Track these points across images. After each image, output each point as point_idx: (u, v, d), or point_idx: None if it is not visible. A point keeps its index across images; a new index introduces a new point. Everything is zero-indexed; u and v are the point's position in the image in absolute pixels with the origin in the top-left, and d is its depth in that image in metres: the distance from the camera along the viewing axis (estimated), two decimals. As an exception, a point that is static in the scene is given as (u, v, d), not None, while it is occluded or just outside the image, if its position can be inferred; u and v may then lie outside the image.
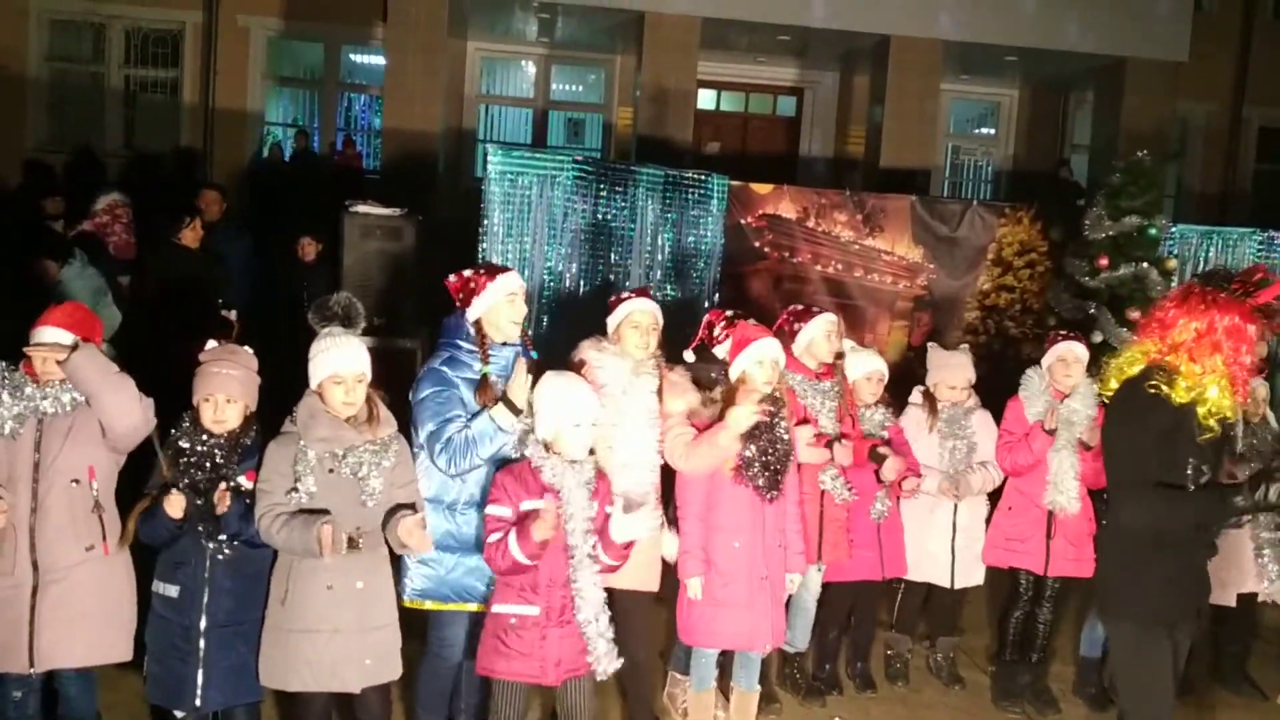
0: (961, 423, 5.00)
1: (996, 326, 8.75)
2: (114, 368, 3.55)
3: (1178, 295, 3.31)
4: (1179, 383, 3.16)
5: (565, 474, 3.53)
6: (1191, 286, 3.29)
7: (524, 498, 3.51)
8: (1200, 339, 3.16)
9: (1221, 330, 3.15)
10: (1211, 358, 3.15)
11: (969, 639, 5.58)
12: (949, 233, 8.74)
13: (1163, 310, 3.30)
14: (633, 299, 4.24)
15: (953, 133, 15.95)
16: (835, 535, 4.68)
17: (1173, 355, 3.20)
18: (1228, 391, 3.17)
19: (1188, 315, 3.20)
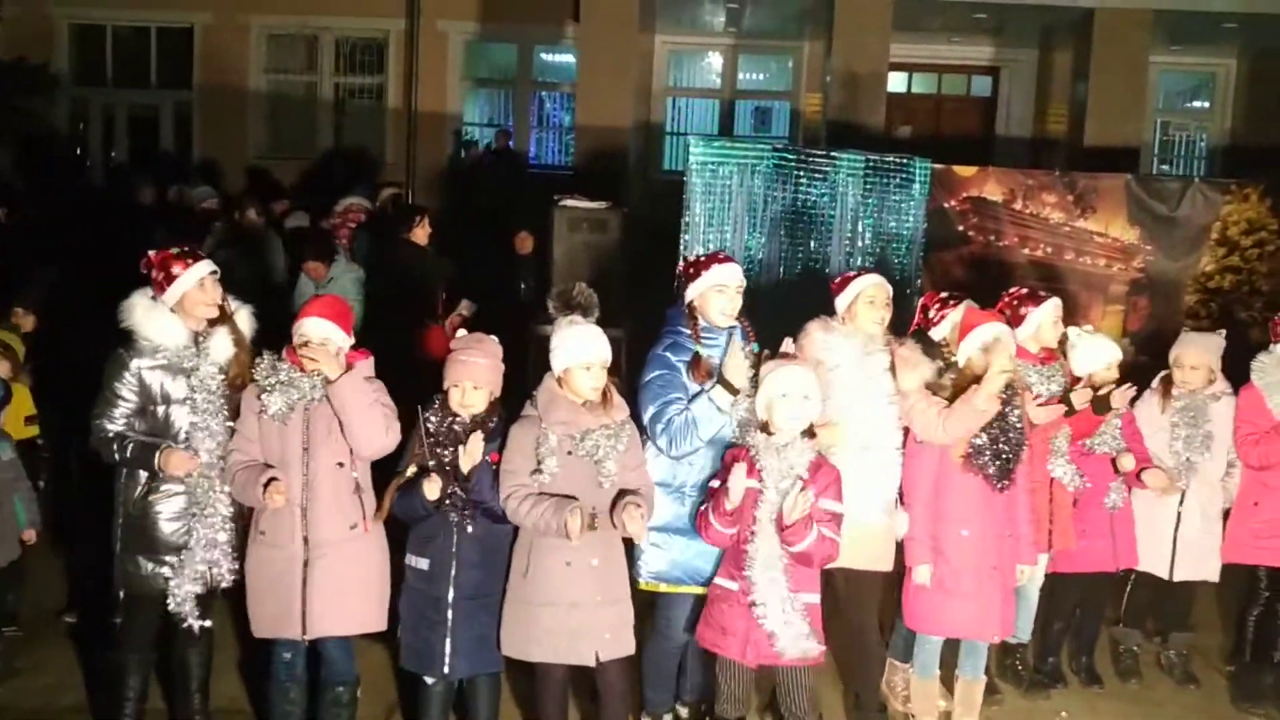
0: (1201, 411, 4.76)
1: (1221, 309, 8.26)
2: (370, 398, 3.76)
3: None
4: None
5: (769, 454, 3.59)
6: None
7: (747, 478, 3.63)
8: None
9: None
10: None
11: (1201, 637, 5.31)
12: (1168, 212, 8.29)
13: None
14: (864, 275, 4.27)
15: (1162, 108, 15.13)
16: (1063, 524, 4.55)
17: None
18: None
19: None
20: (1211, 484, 4.82)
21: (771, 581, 3.62)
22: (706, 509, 3.71)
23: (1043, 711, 4.73)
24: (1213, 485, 4.82)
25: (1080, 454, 4.58)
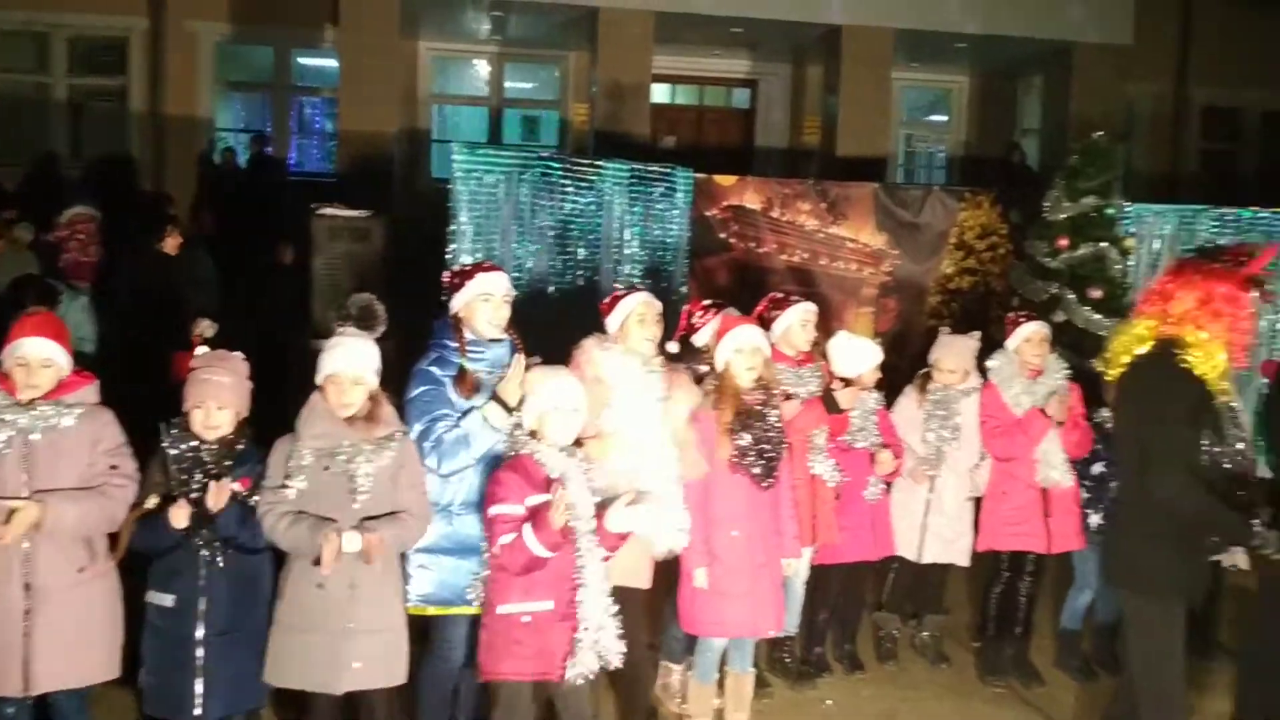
0: (952, 405, 5.06)
1: (961, 310, 8.86)
2: (79, 510, 3.44)
3: (1173, 270, 3.45)
4: (1195, 353, 3.27)
5: (566, 463, 3.55)
6: (1184, 261, 3.45)
7: (530, 492, 3.51)
8: (1202, 307, 3.28)
9: (1219, 298, 3.27)
10: (1215, 324, 3.27)
11: (955, 617, 5.66)
12: (911, 219, 8.84)
13: (1159, 285, 3.42)
14: (633, 293, 4.28)
15: (906, 120, 16.11)
16: (825, 518, 4.73)
17: (1178, 327, 3.30)
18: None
19: (1185, 287, 3.32)
20: (960, 473, 5.11)
21: (600, 594, 3.56)
22: (518, 538, 3.43)
23: (810, 701, 4.90)
24: (961, 474, 5.12)
25: (840, 450, 4.78)
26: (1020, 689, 5.05)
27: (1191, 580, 3.45)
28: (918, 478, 5.01)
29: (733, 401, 4.18)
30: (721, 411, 4.18)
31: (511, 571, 3.49)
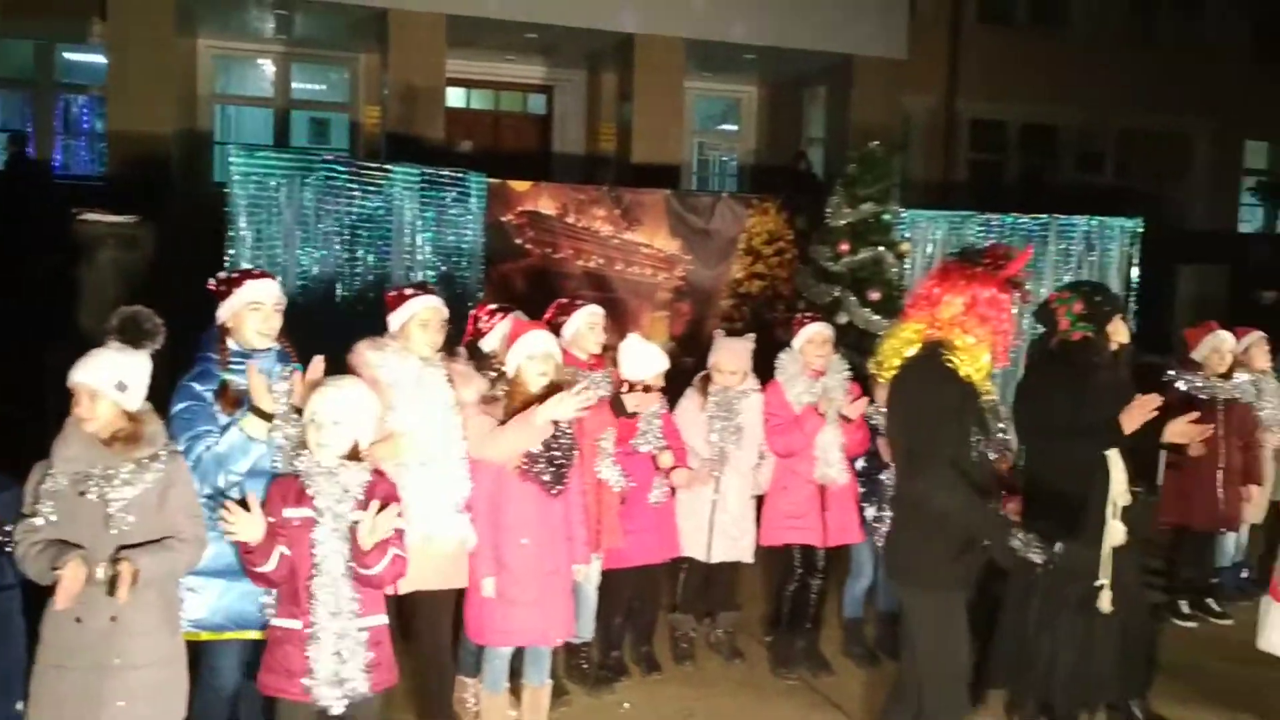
0: (733, 406, 5.15)
1: (751, 313, 9.11)
2: None
3: (938, 274, 3.51)
4: (961, 356, 3.37)
5: (321, 480, 3.40)
6: (949, 265, 3.51)
7: (283, 507, 3.40)
8: (968, 312, 3.37)
9: (984, 303, 3.37)
10: (980, 328, 3.37)
11: (748, 612, 5.79)
12: (702, 225, 9.03)
13: (926, 289, 3.50)
14: (418, 295, 4.18)
15: (698, 129, 16.47)
16: (611, 523, 4.75)
17: (946, 331, 3.40)
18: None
19: (951, 291, 3.40)
20: (743, 472, 5.23)
21: (334, 615, 3.42)
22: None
23: (608, 706, 4.90)
24: (744, 473, 5.24)
25: (626, 454, 4.81)
26: (810, 679, 5.21)
27: (966, 573, 3.55)
28: (703, 479, 5.09)
29: (523, 407, 4.14)
30: None
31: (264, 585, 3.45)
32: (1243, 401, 5.97)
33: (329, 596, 3.39)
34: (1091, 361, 4.30)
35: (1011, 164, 17.27)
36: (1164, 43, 17.11)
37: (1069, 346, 4.31)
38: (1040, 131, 17.16)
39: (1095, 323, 4.31)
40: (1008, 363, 3.59)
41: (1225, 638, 5.91)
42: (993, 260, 3.43)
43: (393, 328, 4.14)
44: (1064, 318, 4.31)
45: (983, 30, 16.19)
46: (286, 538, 3.40)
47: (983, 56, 15.97)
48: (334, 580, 3.40)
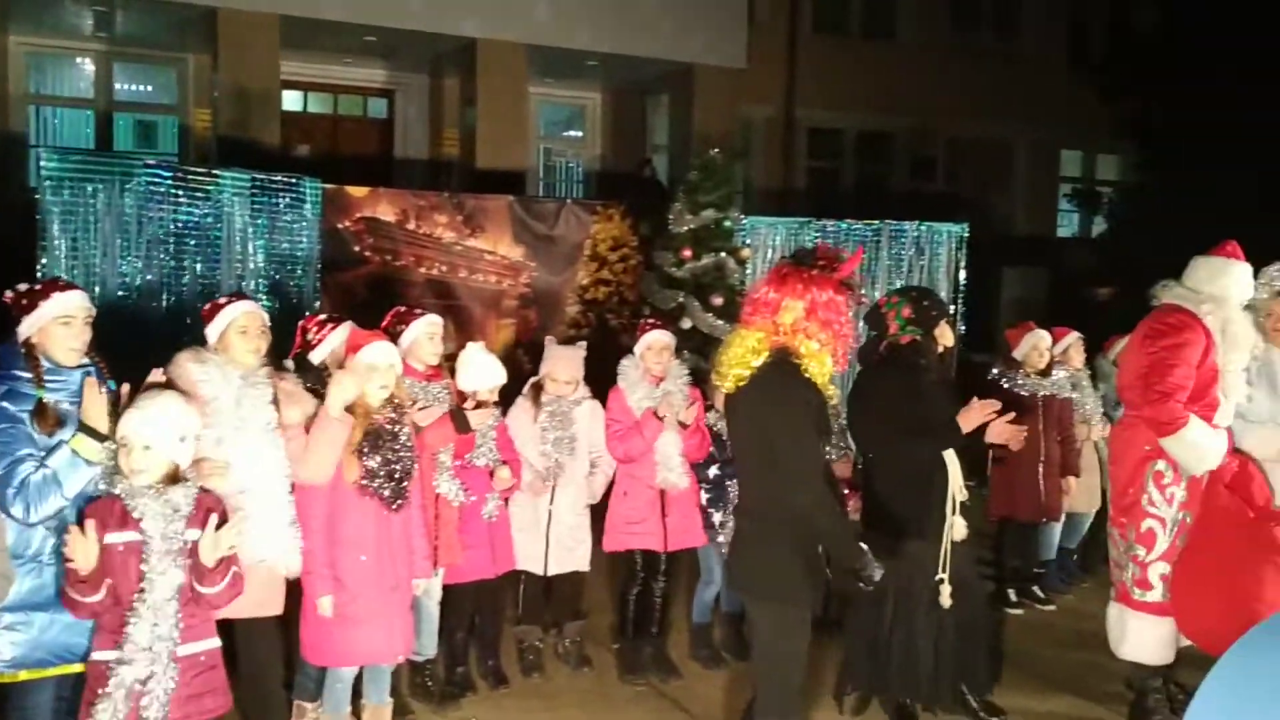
0: (566, 415, 5.11)
1: (597, 319, 9.13)
2: None
3: (774, 279, 3.43)
4: (809, 363, 3.34)
5: (146, 501, 3.22)
6: (784, 269, 3.44)
7: (104, 532, 3.18)
8: (810, 317, 3.33)
9: (824, 307, 3.34)
10: (823, 332, 3.34)
11: (595, 620, 5.78)
12: (547, 231, 9.01)
13: (763, 294, 3.42)
14: (234, 302, 3.99)
15: (543, 135, 16.43)
16: (449, 538, 4.66)
17: (789, 337, 3.36)
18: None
19: (790, 296, 3.36)
20: (578, 482, 5.20)
21: (160, 640, 3.23)
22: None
23: (454, 721, 4.81)
24: (579, 483, 5.20)
25: (462, 468, 4.73)
26: (658, 684, 5.21)
27: (813, 589, 3.55)
28: (537, 491, 5.05)
29: (362, 421, 4.01)
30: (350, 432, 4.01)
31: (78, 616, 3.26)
32: (1060, 397, 6.30)
33: (153, 623, 3.21)
34: (919, 364, 4.44)
35: (848, 171, 17.83)
36: (986, 54, 17.96)
37: (898, 350, 4.44)
38: (875, 139, 17.76)
39: (923, 326, 4.45)
40: (845, 367, 3.58)
41: (1051, 624, 6.21)
42: (826, 262, 3.41)
43: (212, 339, 3.95)
44: (893, 321, 4.44)
45: (818, 40, 16.67)
46: (109, 564, 3.20)
47: (819, 66, 16.45)
48: (160, 605, 3.22)
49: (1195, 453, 4.48)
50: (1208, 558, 4.46)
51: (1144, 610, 4.66)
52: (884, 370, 4.50)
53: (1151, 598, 4.63)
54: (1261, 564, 4.33)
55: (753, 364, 3.40)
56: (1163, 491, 4.60)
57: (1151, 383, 4.46)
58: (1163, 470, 4.58)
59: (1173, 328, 4.50)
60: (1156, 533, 4.61)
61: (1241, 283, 4.60)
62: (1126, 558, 4.70)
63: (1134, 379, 4.57)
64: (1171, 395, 4.42)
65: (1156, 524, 4.61)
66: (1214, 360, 4.49)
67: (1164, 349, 4.47)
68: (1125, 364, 4.75)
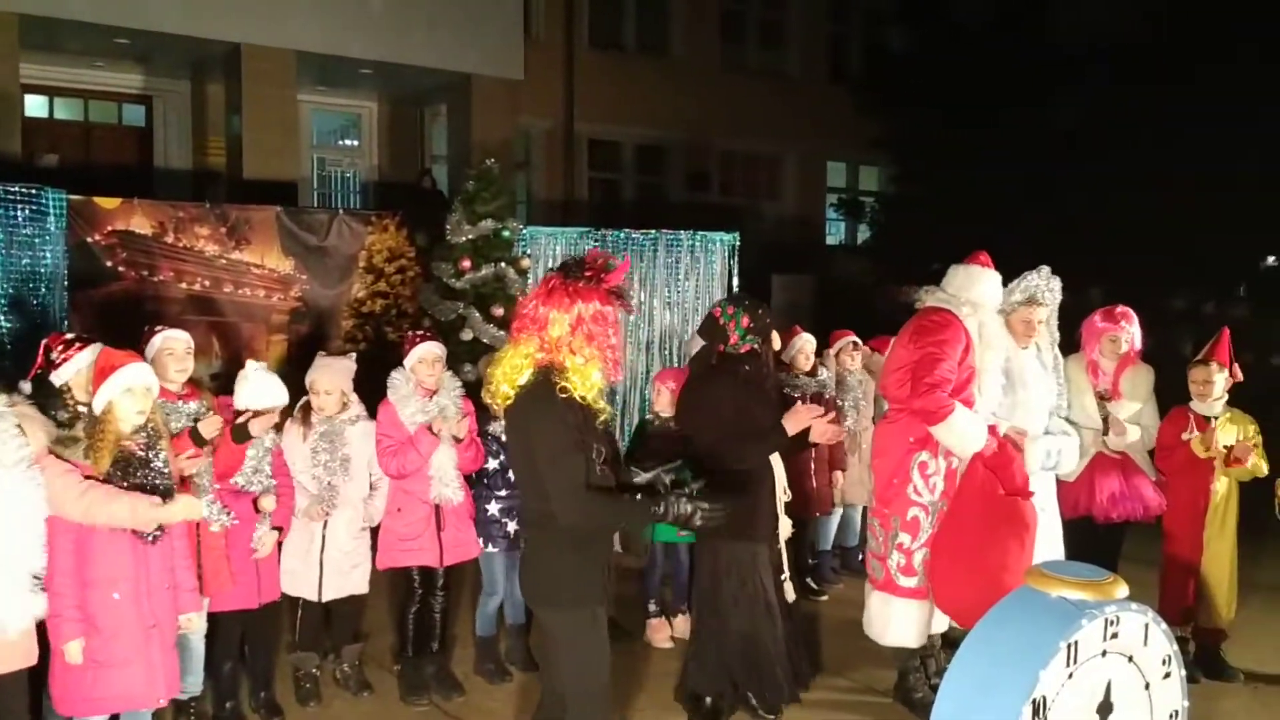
0: (339, 435, 4.94)
1: (375, 332, 8.90)
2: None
3: (542, 292, 3.38)
4: (573, 378, 3.30)
5: None
6: (551, 280, 3.39)
7: None
8: (575, 331, 3.29)
9: (590, 319, 3.31)
10: (589, 346, 3.31)
11: (376, 642, 5.61)
12: (318, 242, 8.71)
13: (531, 309, 3.38)
14: None
15: (317, 144, 15.94)
16: (215, 565, 4.43)
17: (555, 352, 3.31)
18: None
19: (557, 309, 3.31)
20: (354, 504, 5.04)
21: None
22: None
23: (224, 760, 4.56)
24: (355, 505, 5.04)
25: (230, 492, 4.50)
26: (441, 703, 5.11)
27: (602, 587, 3.54)
28: (313, 516, 4.88)
29: (111, 448, 3.74)
30: (98, 459, 3.73)
31: None
32: (827, 395, 6.59)
33: None
34: (761, 371, 4.55)
35: (629, 182, 18.15)
36: (753, 71, 18.73)
37: (736, 358, 4.48)
38: (653, 152, 18.17)
39: (761, 335, 4.54)
40: (619, 378, 3.58)
41: (824, 614, 6.48)
42: (594, 272, 3.38)
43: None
44: (734, 332, 4.47)
45: (595, 55, 16.92)
46: None
47: (596, 79, 16.68)
48: None
49: (962, 438, 4.78)
50: (961, 536, 4.77)
51: (908, 595, 4.92)
52: (718, 378, 4.57)
53: (914, 583, 4.90)
54: (1008, 538, 4.67)
55: (518, 381, 3.38)
56: (926, 481, 4.88)
57: (921, 375, 4.74)
58: (926, 460, 4.87)
59: (938, 325, 4.82)
60: (920, 520, 4.89)
61: (992, 289, 4.98)
62: (891, 546, 4.95)
63: (903, 374, 4.85)
64: (939, 386, 4.71)
65: (921, 511, 4.88)
66: (971, 360, 4.83)
67: (931, 344, 4.77)
68: (892, 361, 5.02)
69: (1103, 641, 3.10)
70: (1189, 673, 5.16)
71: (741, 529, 4.32)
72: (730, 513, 3.49)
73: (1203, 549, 5.46)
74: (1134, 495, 5.57)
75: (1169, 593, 5.53)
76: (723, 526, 3.86)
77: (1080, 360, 5.70)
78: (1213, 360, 5.49)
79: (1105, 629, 3.09)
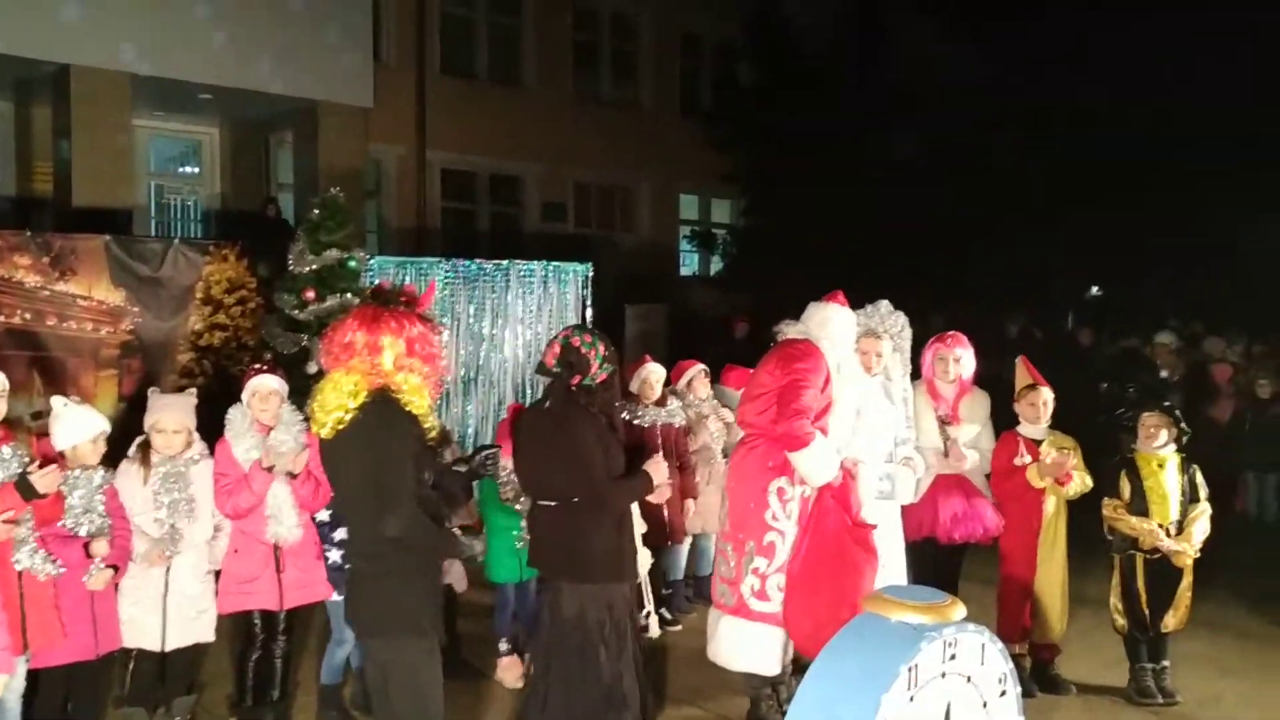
0: (182, 475, 4.71)
1: (214, 367, 8.54)
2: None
3: (364, 321, 3.42)
4: (409, 398, 3.40)
5: None
6: (370, 310, 3.46)
7: None
8: (410, 354, 3.40)
9: (419, 341, 3.43)
10: (423, 367, 3.43)
11: (215, 691, 5.33)
12: (151, 273, 8.32)
13: (352, 338, 3.40)
14: None
15: (155, 171, 15.29)
16: (43, 617, 4.14)
17: (388, 377, 3.39)
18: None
19: (388, 334, 3.40)
20: (199, 547, 4.81)
21: None
22: None
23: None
24: (199, 547, 4.81)
25: (58, 537, 4.23)
26: (278, 754, 4.89)
27: (435, 617, 3.56)
28: (154, 561, 4.61)
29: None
30: None
31: None
32: (677, 425, 6.63)
33: None
34: (612, 400, 4.45)
35: (483, 212, 18.00)
36: (605, 102, 18.88)
37: (594, 389, 4.35)
38: (507, 182, 18.09)
39: (613, 363, 4.45)
40: (438, 398, 3.68)
41: (677, 644, 6.46)
42: (408, 299, 3.50)
43: None
44: (594, 360, 4.34)
45: (447, 83, 16.74)
46: None
47: (449, 108, 16.51)
48: None
49: (819, 466, 4.85)
50: (810, 565, 4.84)
51: (762, 620, 4.94)
52: (580, 415, 4.27)
53: (769, 608, 4.93)
54: (860, 566, 4.76)
55: (351, 407, 3.39)
56: (784, 507, 4.93)
57: (788, 400, 4.81)
58: (784, 487, 4.92)
59: (804, 354, 4.93)
60: (777, 545, 4.93)
61: (848, 327, 5.11)
62: (745, 570, 4.97)
63: (766, 399, 4.92)
64: (803, 414, 4.80)
65: (777, 537, 4.93)
66: (830, 392, 4.93)
67: (797, 372, 4.86)
68: (753, 387, 5.07)
69: (942, 663, 3.15)
70: (1025, 688, 5.43)
71: (609, 570, 4.24)
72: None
73: (1036, 568, 5.68)
74: (975, 516, 5.74)
75: (1006, 611, 5.72)
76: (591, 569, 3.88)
77: (920, 385, 5.87)
78: (1041, 385, 5.74)
79: (944, 651, 3.14)
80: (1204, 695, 5.61)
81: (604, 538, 4.17)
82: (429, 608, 3.51)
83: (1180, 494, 5.49)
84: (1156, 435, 5.54)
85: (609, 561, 4.19)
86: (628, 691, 4.33)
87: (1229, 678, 5.90)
